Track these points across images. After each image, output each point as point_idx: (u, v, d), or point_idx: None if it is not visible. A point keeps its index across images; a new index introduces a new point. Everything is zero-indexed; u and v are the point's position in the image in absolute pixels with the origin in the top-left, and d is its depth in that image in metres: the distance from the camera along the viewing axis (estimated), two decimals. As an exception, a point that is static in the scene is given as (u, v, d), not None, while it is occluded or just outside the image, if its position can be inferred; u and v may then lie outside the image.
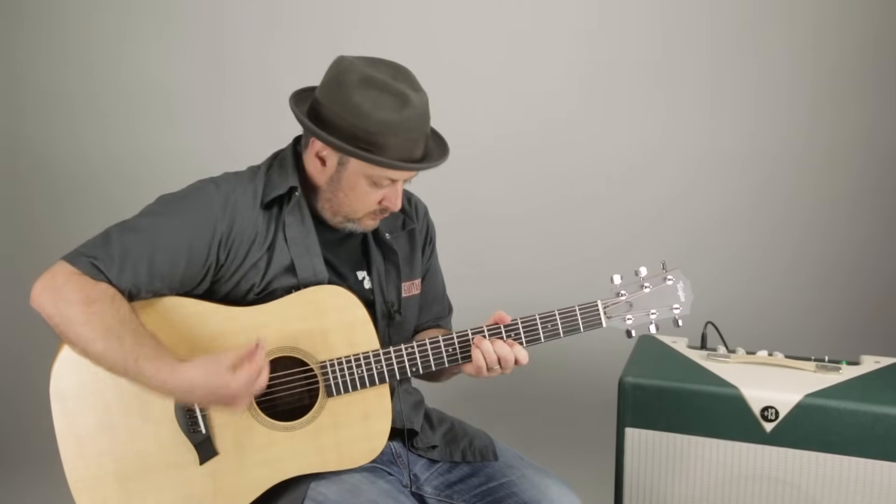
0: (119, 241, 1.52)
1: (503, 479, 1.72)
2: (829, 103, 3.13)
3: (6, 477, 3.03)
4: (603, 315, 1.65)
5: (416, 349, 1.62)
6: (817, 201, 3.23)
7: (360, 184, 1.60)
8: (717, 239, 3.30)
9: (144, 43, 3.48)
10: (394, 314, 1.75)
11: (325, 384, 1.60)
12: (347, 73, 1.55)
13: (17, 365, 3.45)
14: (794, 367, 2.12)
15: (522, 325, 1.62)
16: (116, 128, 3.54)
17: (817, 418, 1.96)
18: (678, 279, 1.67)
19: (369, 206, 1.64)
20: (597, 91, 3.28)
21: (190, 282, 1.59)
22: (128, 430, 1.55)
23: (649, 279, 1.67)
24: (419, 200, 1.90)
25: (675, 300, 1.67)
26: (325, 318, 1.60)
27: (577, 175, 3.34)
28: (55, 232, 3.50)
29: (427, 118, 1.60)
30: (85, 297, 1.45)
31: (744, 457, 2.04)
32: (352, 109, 1.53)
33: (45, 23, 3.48)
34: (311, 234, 1.66)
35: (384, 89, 1.53)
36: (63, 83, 3.54)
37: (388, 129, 1.53)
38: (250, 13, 3.41)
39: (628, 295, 1.65)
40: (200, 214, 1.58)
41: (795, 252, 3.25)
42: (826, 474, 1.98)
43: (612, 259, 3.32)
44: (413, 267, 1.82)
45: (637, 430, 2.12)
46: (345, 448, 1.62)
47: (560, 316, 1.63)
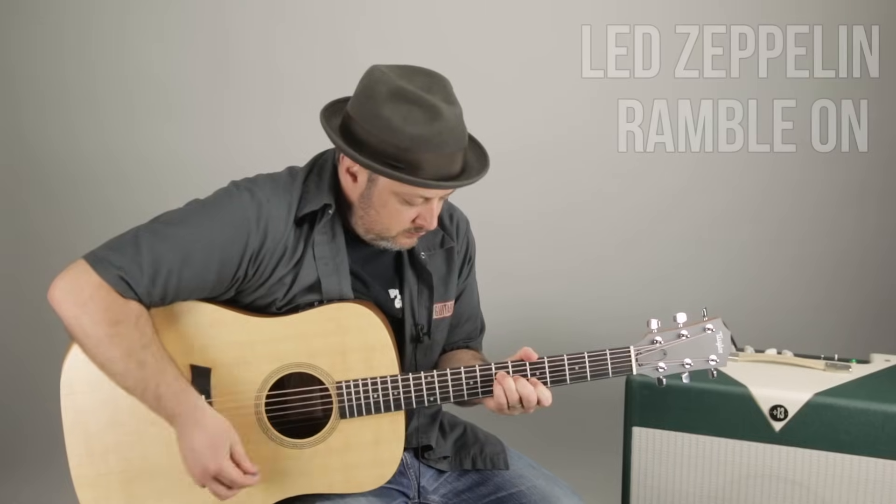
0: (149, 251, 1.43)
1: (512, 490, 1.66)
2: (835, 97, 3.11)
3: (6, 475, 3.01)
4: (635, 362, 1.56)
5: (437, 379, 1.54)
6: (825, 196, 3.19)
7: (392, 202, 1.51)
8: (725, 234, 3.27)
9: (144, 37, 3.41)
10: (422, 337, 1.66)
11: (338, 405, 1.54)
12: (378, 85, 1.46)
13: (16, 363, 3.43)
14: (804, 366, 2.10)
15: (549, 365, 1.54)
16: (114, 125, 3.47)
17: (827, 417, 1.93)
18: (718, 329, 1.57)
19: (402, 224, 1.54)
20: (602, 89, 3.25)
21: (216, 291, 1.53)
22: (136, 431, 1.51)
23: (687, 327, 1.57)
24: (461, 215, 1.79)
25: (713, 351, 1.57)
26: (346, 337, 1.54)
27: (581, 174, 3.32)
28: (51, 230, 3.49)
29: (462, 132, 1.49)
30: (110, 318, 1.39)
31: (752, 456, 2.01)
32: (381, 124, 1.44)
33: (41, 15, 3.41)
34: (342, 253, 1.58)
35: (415, 102, 1.43)
36: (59, 78, 3.46)
37: (419, 145, 1.43)
38: (253, 8, 3.35)
39: (663, 343, 1.56)
40: (234, 227, 1.49)
41: (804, 248, 3.22)
42: (836, 474, 1.95)
43: (619, 257, 3.34)
44: (448, 287, 1.72)
45: (644, 429, 2.09)
46: (352, 472, 1.57)
47: (589, 359, 1.54)
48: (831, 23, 3.06)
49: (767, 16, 3.11)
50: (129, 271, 1.41)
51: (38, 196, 3.54)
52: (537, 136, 3.34)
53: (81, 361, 1.47)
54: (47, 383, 1.53)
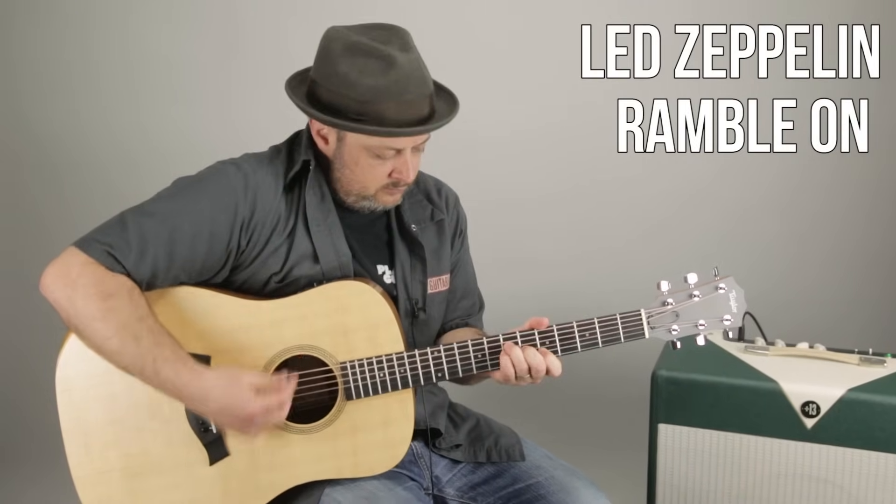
0: (136, 227, 1.40)
1: (530, 481, 1.58)
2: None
3: (6, 475, 2.91)
4: (646, 325, 1.49)
5: (444, 353, 1.48)
6: (859, 186, 3.14)
7: (363, 157, 1.48)
8: (756, 225, 3.21)
9: (151, 17, 3.29)
10: (417, 312, 1.61)
11: (344, 386, 1.48)
12: (333, 43, 1.45)
13: (18, 357, 3.33)
14: (837, 360, 2.00)
15: (558, 333, 1.47)
16: (119, 107, 3.36)
17: (861, 414, 1.85)
18: (731, 288, 1.51)
19: (379, 180, 1.50)
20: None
21: (210, 269, 1.48)
22: (136, 426, 1.46)
23: (699, 287, 1.50)
24: (450, 190, 1.75)
25: (727, 311, 1.51)
26: (347, 316, 1.48)
27: (607, 159, 3.25)
28: (54, 216, 3.39)
29: (423, 77, 1.45)
30: (101, 292, 1.35)
31: (783, 454, 1.92)
32: (339, 81, 1.42)
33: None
34: (333, 214, 1.54)
35: (369, 54, 1.41)
36: (62, 60, 3.35)
37: (377, 95, 1.40)
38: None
39: (675, 304, 1.49)
40: (221, 197, 1.46)
41: (838, 239, 3.16)
42: (870, 473, 1.86)
43: (646, 244, 3.30)
44: (441, 261, 1.68)
45: (671, 426, 2.00)
46: (362, 455, 1.50)
47: (599, 324, 1.48)
48: (831, 23, 3.00)
49: (767, 16, 3.05)
50: (117, 246, 1.39)
51: (41, 181, 3.45)
52: (537, 135, 3.29)
53: (76, 357, 1.43)
54: (49, 377, 1.45)
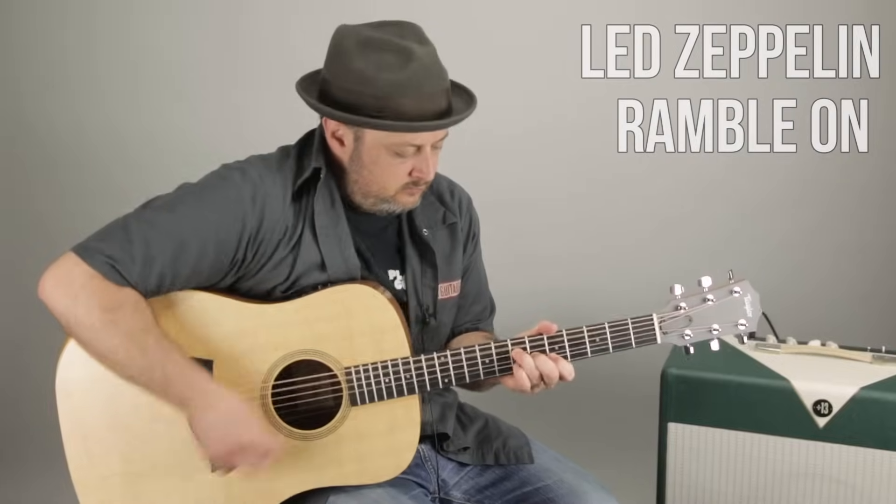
0: (140, 239, 1.35)
1: (539, 484, 1.55)
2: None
3: (6, 475, 2.88)
4: (658, 330, 1.44)
5: (450, 359, 1.44)
6: (871, 182, 3.12)
7: (383, 156, 1.42)
8: (766, 221, 3.19)
9: (152, 13, 3.27)
10: (428, 319, 1.57)
11: (349, 392, 1.44)
12: (346, 40, 1.40)
13: (18, 357, 3.30)
14: (849, 358, 1.97)
15: (568, 338, 1.43)
16: (120, 106, 3.32)
17: (874, 412, 1.81)
18: (746, 291, 1.45)
19: (399, 179, 1.45)
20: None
21: (213, 278, 1.43)
22: (137, 430, 1.43)
23: (713, 291, 1.45)
24: (463, 191, 1.70)
25: (742, 315, 1.45)
26: (352, 320, 1.44)
27: (607, 159, 3.23)
28: (54, 216, 3.33)
29: (440, 70, 1.41)
30: (106, 305, 1.31)
31: (795, 454, 1.89)
32: (355, 77, 1.37)
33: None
34: (342, 222, 1.49)
35: (385, 48, 1.37)
36: (62, 57, 3.30)
37: (396, 89, 1.35)
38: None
39: (688, 308, 1.43)
40: (229, 209, 1.40)
41: (850, 235, 3.14)
42: (883, 472, 1.83)
43: (652, 244, 3.27)
44: (452, 266, 1.63)
45: (681, 425, 1.97)
46: (367, 462, 1.46)
47: (610, 329, 1.43)
48: (831, 23, 2.99)
49: (767, 16, 3.03)
50: (121, 260, 1.33)
51: (41, 180, 3.42)
52: (536, 135, 3.27)
53: (76, 361, 1.40)
54: (49, 379, 1.42)
